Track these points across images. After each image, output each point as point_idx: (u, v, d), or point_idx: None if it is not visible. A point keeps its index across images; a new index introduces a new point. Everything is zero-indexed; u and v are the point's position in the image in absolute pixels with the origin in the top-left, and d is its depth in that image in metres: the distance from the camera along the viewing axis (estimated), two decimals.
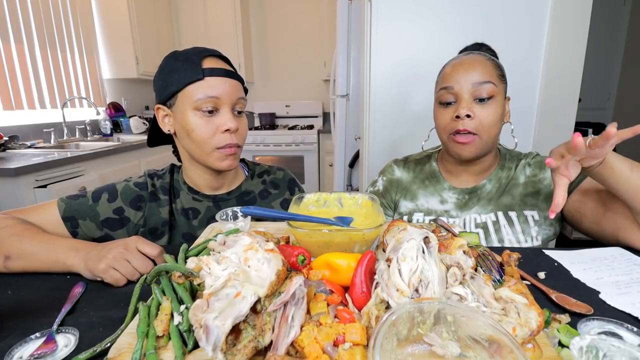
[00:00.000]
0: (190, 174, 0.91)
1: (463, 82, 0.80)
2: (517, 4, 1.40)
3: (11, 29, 2.29)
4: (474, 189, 0.91)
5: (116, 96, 3.35)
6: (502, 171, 0.91)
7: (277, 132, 3.64)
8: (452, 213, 0.92)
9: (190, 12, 3.71)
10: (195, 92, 0.78)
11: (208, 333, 0.35)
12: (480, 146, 0.82)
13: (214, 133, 0.81)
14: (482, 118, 0.80)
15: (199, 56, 0.81)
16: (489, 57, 0.84)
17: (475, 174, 0.92)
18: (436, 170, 0.96)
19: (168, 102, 0.83)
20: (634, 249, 0.72)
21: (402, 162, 1.03)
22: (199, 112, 0.79)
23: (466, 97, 0.81)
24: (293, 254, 0.51)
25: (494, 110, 0.80)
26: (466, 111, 0.79)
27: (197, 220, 0.91)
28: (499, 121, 0.82)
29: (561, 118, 1.48)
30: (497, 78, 0.81)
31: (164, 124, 0.86)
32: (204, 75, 0.78)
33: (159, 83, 0.83)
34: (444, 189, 0.94)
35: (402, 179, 1.00)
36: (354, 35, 2.17)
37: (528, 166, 0.91)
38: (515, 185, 0.89)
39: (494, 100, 0.80)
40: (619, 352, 0.36)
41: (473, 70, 0.80)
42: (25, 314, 0.54)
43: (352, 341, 0.38)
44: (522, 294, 0.42)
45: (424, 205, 0.95)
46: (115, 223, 0.86)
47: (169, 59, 0.84)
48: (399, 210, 0.97)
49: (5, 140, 2.11)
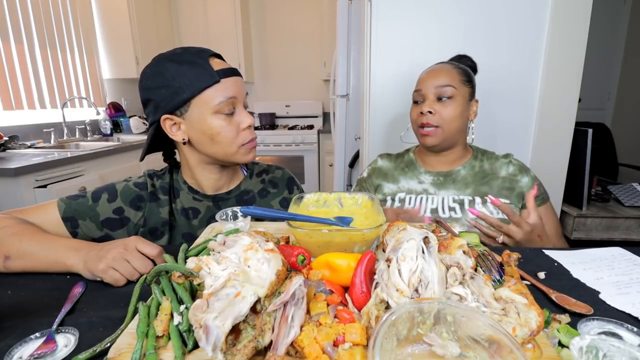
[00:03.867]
0: (196, 176, 0.90)
1: (429, 86, 0.99)
2: (517, 4, 1.40)
3: (11, 29, 2.29)
4: (449, 173, 1.06)
5: (116, 96, 3.35)
6: (475, 161, 1.07)
7: (277, 132, 3.64)
8: (430, 190, 1.06)
9: (190, 12, 3.71)
10: (214, 96, 0.77)
11: (208, 333, 0.35)
12: (442, 136, 0.99)
13: (237, 132, 0.82)
14: (442, 113, 0.97)
15: (202, 58, 0.78)
16: (456, 66, 1.01)
17: (448, 162, 1.07)
18: (413, 159, 1.13)
19: (178, 111, 0.79)
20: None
21: (385, 155, 1.21)
22: (221, 115, 0.79)
23: (430, 97, 0.99)
24: (293, 254, 0.51)
25: (453, 108, 0.97)
26: (428, 108, 0.98)
27: (197, 220, 0.91)
28: (458, 117, 0.98)
29: (561, 118, 1.48)
30: (458, 83, 0.98)
31: (174, 133, 0.81)
32: (219, 77, 0.77)
33: (162, 92, 0.77)
34: (421, 173, 1.10)
35: (382, 167, 1.16)
36: (354, 35, 2.17)
37: (510, 164, 1.05)
38: (495, 178, 1.03)
39: (453, 100, 0.97)
40: (619, 352, 0.36)
41: (437, 76, 0.99)
42: (25, 314, 0.54)
43: (352, 341, 0.38)
44: (522, 294, 0.42)
45: (405, 186, 1.10)
46: (115, 223, 0.86)
47: (164, 65, 0.78)
48: (383, 191, 1.11)
49: (5, 140, 2.11)
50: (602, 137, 2.37)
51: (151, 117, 0.82)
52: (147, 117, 0.84)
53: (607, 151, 2.40)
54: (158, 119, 0.80)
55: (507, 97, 1.48)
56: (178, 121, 0.80)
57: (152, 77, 0.79)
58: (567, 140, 1.50)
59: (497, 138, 1.52)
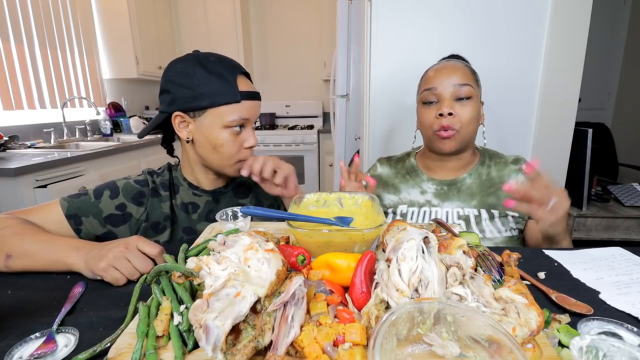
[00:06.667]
0: (195, 174, 0.94)
1: (445, 84, 0.90)
2: (517, 4, 1.40)
3: (11, 29, 2.29)
4: (453, 181, 0.98)
5: (116, 96, 3.34)
6: (482, 167, 0.99)
7: (277, 132, 3.64)
8: (434, 202, 0.99)
9: (190, 12, 3.71)
10: (230, 113, 0.82)
11: (208, 333, 0.35)
12: (460, 140, 0.91)
13: (239, 149, 0.86)
14: (461, 115, 0.89)
15: (232, 74, 0.82)
16: (466, 64, 0.94)
17: (454, 169, 0.99)
18: (414, 164, 1.05)
19: (192, 112, 0.83)
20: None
21: (385, 160, 1.13)
22: (228, 130, 0.83)
23: (448, 97, 0.90)
24: (293, 254, 0.51)
25: (471, 109, 0.89)
26: (448, 109, 0.88)
27: (197, 215, 0.93)
28: (475, 119, 0.91)
29: (561, 118, 1.48)
30: (474, 82, 0.91)
31: (180, 130, 0.86)
32: (241, 98, 0.81)
33: (184, 92, 0.81)
34: (423, 181, 1.02)
35: (382, 174, 1.09)
36: (354, 35, 2.17)
37: (521, 172, 0.97)
38: (502, 187, 0.95)
39: (471, 101, 0.90)
40: (619, 352, 0.36)
41: (454, 74, 0.90)
42: (25, 314, 0.54)
43: (352, 341, 0.38)
44: (522, 294, 0.42)
45: (407, 197, 1.03)
46: (118, 219, 0.86)
47: (195, 67, 0.81)
48: (384, 203, 1.05)
49: (5, 140, 2.10)
50: (602, 137, 2.37)
51: (164, 107, 0.86)
52: (160, 103, 0.88)
53: (607, 151, 2.40)
54: (170, 113, 0.84)
55: (507, 97, 1.47)
56: (189, 121, 0.84)
57: (180, 73, 0.82)
58: (567, 140, 1.50)
59: (497, 138, 1.52)
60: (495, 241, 0.94)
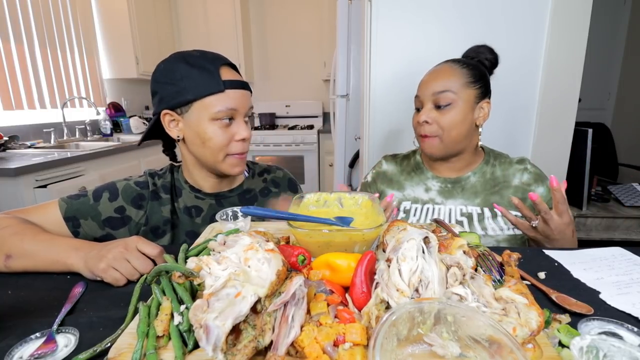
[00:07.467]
0: (194, 176, 0.92)
1: (426, 92, 0.92)
2: (517, 4, 1.40)
3: (11, 29, 2.29)
4: (457, 179, 0.99)
5: (116, 96, 3.34)
6: (487, 166, 0.99)
7: (277, 132, 3.64)
8: (437, 200, 1.00)
9: (190, 12, 3.71)
10: (215, 104, 0.80)
11: (208, 333, 0.35)
12: (442, 146, 0.92)
13: (229, 141, 0.84)
14: (440, 122, 0.90)
15: (214, 65, 0.80)
16: (460, 66, 0.92)
17: (456, 169, 1.00)
18: (420, 162, 1.06)
19: (179, 109, 0.82)
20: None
21: (390, 157, 1.14)
22: (217, 122, 0.81)
23: (428, 105, 0.92)
24: (293, 254, 0.51)
25: (452, 115, 0.89)
26: (424, 118, 0.91)
27: (200, 218, 0.92)
28: (459, 124, 0.90)
29: (561, 118, 1.48)
30: (460, 86, 0.89)
31: (170, 129, 0.85)
32: (225, 87, 0.79)
33: (169, 88, 0.81)
34: (428, 178, 1.03)
35: (387, 171, 1.10)
36: (354, 35, 2.17)
37: (526, 172, 0.97)
38: (506, 187, 0.96)
39: (452, 107, 0.89)
40: (619, 352, 0.36)
41: (435, 81, 0.91)
42: (25, 314, 0.54)
43: (352, 341, 0.38)
44: (522, 294, 0.42)
45: (411, 194, 1.03)
46: (116, 222, 0.86)
47: (178, 64, 0.80)
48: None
49: (5, 140, 2.11)
50: (602, 137, 2.37)
51: (155, 108, 0.86)
52: (153, 106, 0.88)
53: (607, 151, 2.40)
54: (159, 112, 0.84)
55: (507, 97, 1.47)
56: (177, 118, 0.83)
57: (164, 72, 0.82)
58: (567, 140, 1.50)
59: (497, 138, 1.52)
60: (497, 238, 0.94)
